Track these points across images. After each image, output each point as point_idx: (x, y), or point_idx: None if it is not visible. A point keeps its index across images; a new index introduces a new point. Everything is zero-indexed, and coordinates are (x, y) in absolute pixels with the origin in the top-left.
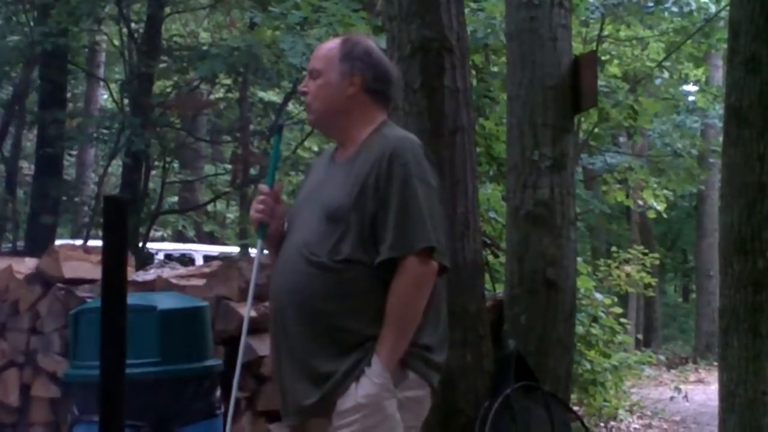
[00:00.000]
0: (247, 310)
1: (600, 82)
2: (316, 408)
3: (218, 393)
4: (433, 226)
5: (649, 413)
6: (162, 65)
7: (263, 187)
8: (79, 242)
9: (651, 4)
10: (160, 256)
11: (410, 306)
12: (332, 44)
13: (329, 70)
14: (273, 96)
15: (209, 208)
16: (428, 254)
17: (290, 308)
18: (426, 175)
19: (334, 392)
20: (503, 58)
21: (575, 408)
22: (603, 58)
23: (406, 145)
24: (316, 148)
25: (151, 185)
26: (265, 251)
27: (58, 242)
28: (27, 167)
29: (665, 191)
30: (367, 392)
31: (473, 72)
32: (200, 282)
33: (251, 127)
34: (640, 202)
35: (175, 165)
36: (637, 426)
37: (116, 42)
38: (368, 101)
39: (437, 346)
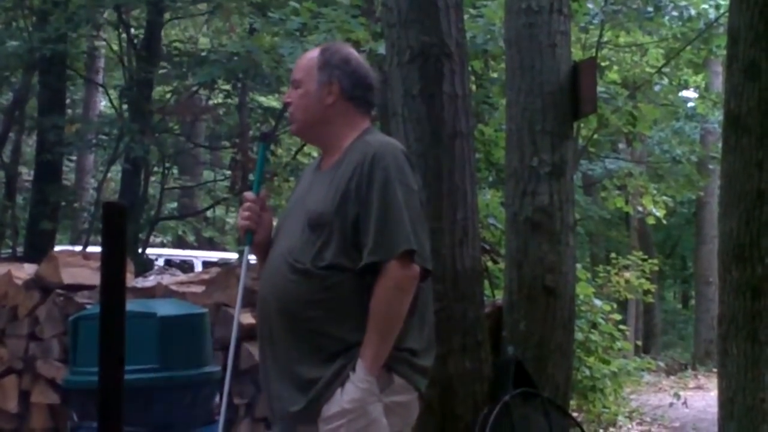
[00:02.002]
0: (236, 316)
1: (599, 88)
2: (303, 415)
3: (217, 399)
4: (414, 229)
5: (648, 420)
6: (161, 71)
7: (249, 194)
8: (78, 248)
9: (650, 9)
10: (160, 262)
11: (392, 310)
12: (312, 54)
13: (309, 79)
14: (272, 102)
15: (208, 214)
16: (409, 258)
17: (275, 315)
18: (407, 178)
19: (319, 398)
20: (502, 64)
21: (574, 414)
22: (602, 64)
23: (387, 149)
24: (315, 154)
25: (150, 191)
26: (252, 258)
27: (57, 248)
28: (26, 173)
29: (664, 197)
30: (351, 397)
31: (472, 78)
32: (199, 289)
33: (250, 132)
34: (640, 209)
35: (175, 171)
36: None
37: (115, 48)
38: (349, 108)
39: (423, 350)
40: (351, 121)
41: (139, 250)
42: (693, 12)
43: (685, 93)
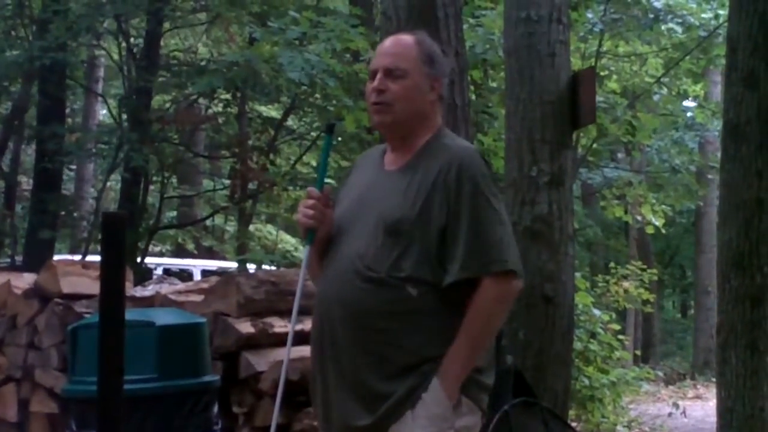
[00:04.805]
0: (293, 317)
1: (598, 98)
2: (368, 431)
3: (216, 409)
4: (509, 243)
5: (647, 429)
6: (160, 80)
7: (313, 190)
8: (77, 257)
9: (651, 16)
10: (159, 271)
11: (490, 324)
12: (407, 42)
13: (415, 71)
14: (272, 111)
15: (208, 223)
16: (513, 272)
17: (342, 323)
18: (495, 189)
19: (388, 417)
20: (502, 74)
21: (573, 424)
22: (602, 73)
23: (473, 157)
24: (314, 163)
25: (149, 200)
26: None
27: (56, 257)
28: (26, 182)
29: (663, 207)
30: (424, 423)
31: (472, 87)
32: (198, 298)
33: (250, 142)
34: (639, 218)
35: (174, 180)
36: None
37: (115, 57)
38: (438, 108)
39: (488, 367)
40: (434, 119)
41: (138, 259)
42: (693, 20)
43: (684, 102)
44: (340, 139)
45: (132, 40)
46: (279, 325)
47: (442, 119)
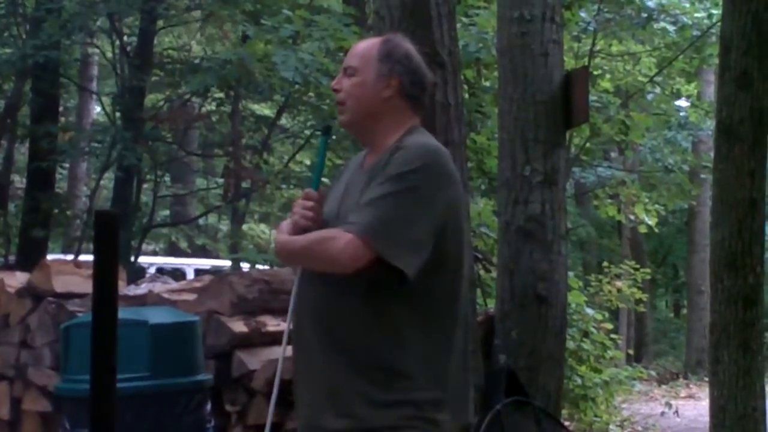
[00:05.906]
0: (289, 316)
1: (591, 97)
2: None
3: (209, 407)
4: (399, 236)
5: (639, 429)
6: (154, 78)
7: (311, 192)
8: (70, 256)
9: (644, 15)
10: (152, 270)
11: (311, 252)
12: (371, 43)
13: (366, 69)
14: (265, 110)
15: (201, 221)
16: (368, 242)
17: (310, 322)
18: (419, 181)
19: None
20: (495, 73)
21: (566, 423)
22: (595, 73)
23: (423, 153)
24: (308, 162)
25: (142, 199)
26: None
27: (49, 256)
28: (19, 181)
29: (656, 206)
30: None
31: (465, 86)
32: (191, 296)
33: (243, 141)
34: (632, 217)
35: (167, 179)
36: None
37: (108, 55)
38: (402, 106)
39: (442, 400)
40: (400, 119)
41: (131, 258)
42: (686, 19)
43: (677, 102)
44: (334, 137)
45: (125, 38)
46: (272, 324)
47: (411, 118)
